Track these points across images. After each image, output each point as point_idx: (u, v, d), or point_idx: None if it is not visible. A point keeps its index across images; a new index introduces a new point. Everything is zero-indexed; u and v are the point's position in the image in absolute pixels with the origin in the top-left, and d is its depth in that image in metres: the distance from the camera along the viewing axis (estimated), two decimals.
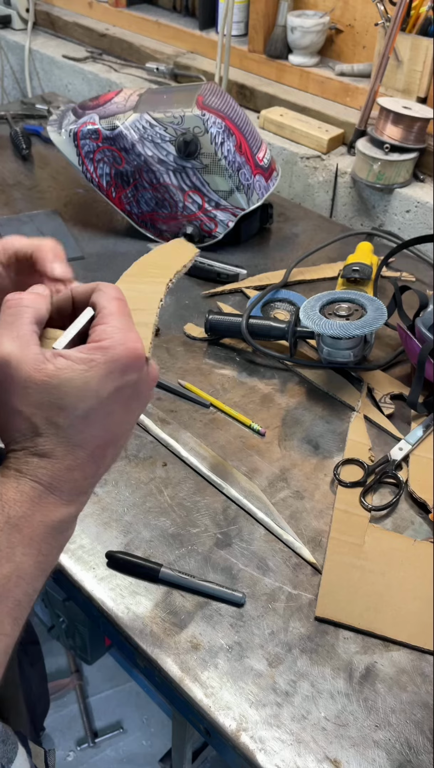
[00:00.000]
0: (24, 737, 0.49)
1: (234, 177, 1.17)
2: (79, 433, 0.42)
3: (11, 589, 0.40)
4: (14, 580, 0.40)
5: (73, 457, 0.43)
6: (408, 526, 0.80)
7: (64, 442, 0.42)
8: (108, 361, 0.42)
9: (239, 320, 1.01)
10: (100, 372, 0.42)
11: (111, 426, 0.44)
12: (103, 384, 0.42)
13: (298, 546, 0.77)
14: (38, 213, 1.32)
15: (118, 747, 1.53)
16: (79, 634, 1.08)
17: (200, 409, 0.94)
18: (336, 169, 1.38)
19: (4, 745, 0.45)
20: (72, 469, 0.43)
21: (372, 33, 1.43)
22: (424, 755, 0.61)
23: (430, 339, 0.89)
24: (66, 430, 0.42)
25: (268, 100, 1.52)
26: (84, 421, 0.42)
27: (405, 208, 1.32)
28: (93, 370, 0.42)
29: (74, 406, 0.41)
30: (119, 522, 0.79)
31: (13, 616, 0.40)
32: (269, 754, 0.61)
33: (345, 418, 0.94)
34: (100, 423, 0.43)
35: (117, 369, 0.42)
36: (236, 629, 0.70)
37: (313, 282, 1.18)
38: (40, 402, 0.41)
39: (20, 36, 1.98)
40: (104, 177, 1.21)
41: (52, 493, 0.42)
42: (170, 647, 0.68)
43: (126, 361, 0.43)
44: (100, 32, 1.84)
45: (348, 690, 0.66)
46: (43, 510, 0.42)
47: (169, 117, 1.13)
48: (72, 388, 0.41)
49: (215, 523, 0.80)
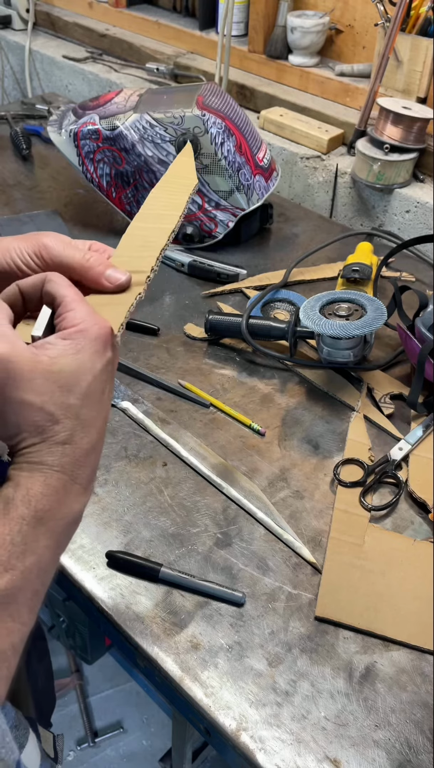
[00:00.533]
0: (34, 722, 0.49)
1: (234, 177, 1.17)
2: (89, 411, 0.44)
3: (32, 580, 0.41)
4: (35, 571, 0.41)
5: (89, 438, 0.44)
6: (408, 525, 0.81)
7: (79, 425, 0.44)
8: (91, 341, 0.44)
9: (239, 320, 1.01)
10: (89, 351, 0.44)
11: (106, 402, 0.46)
12: (94, 362, 0.44)
13: (298, 546, 0.77)
14: (38, 213, 1.32)
15: (118, 747, 1.53)
16: (80, 634, 1.08)
17: (200, 409, 0.94)
18: (336, 169, 1.38)
19: (17, 730, 0.45)
20: (89, 452, 0.44)
21: (371, 33, 1.43)
22: (424, 755, 0.61)
23: (430, 339, 0.89)
24: (79, 410, 0.43)
25: (268, 100, 1.52)
26: (89, 399, 0.44)
27: (405, 209, 1.32)
28: (82, 351, 0.44)
29: (79, 384, 0.43)
30: (119, 522, 0.79)
31: (30, 606, 0.41)
32: (269, 753, 0.61)
33: (344, 418, 0.94)
34: (99, 399, 0.45)
35: (100, 347, 0.45)
36: (236, 629, 0.70)
37: (313, 282, 1.18)
38: (48, 389, 0.42)
39: (20, 36, 1.98)
40: (104, 177, 1.21)
41: (75, 482, 0.43)
42: (170, 647, 0.68)
43: (105, 339, 0.45)
44: (100, 32, 1.84)
45: (348, 690, 0.66)
46: (67, 502, 0.43)
47: (169, 117, 1.14)
48: (72, 370, 0.43)
49: (215, 522, 0.80)
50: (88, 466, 0.44)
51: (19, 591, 0.40)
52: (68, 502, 0.43)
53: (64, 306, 0.46)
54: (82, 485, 0.44)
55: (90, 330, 0.44)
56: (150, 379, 0.97)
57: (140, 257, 0.52)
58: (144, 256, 0.52)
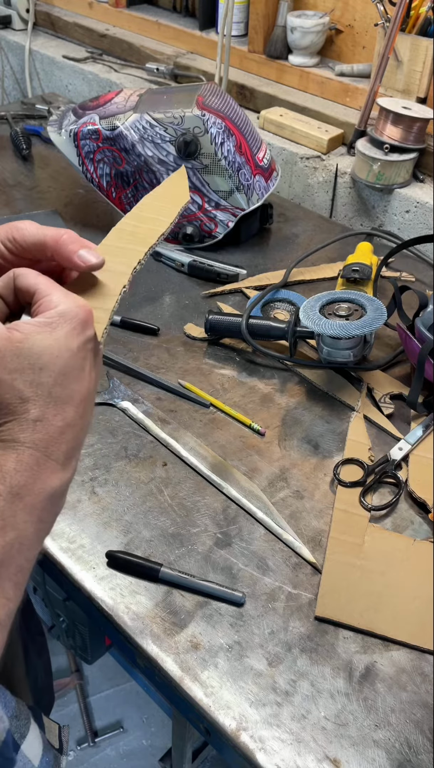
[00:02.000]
0: (38, 712, 0.49)
1: (234, 177, 1.17)
2: (63, 389, 0.44)
3: (14, 555, 0.41)
4: (17, 546, 0.41)
5: (63, 416, 0.44)
6: (407, 525, 0.81)
7: (51, 402, 0.43)
8: (68, 320, 0.45)
9: (239, 320, 1.01)
10: (65, 329, 0.44)
11: (87, 380, 0.46)
12: (71, 339, 0.44)
13: (298, 546, 0.77)
14: (38, 213, 1.32)
15: (118, 746, 1.53)
16: (80, 634, 1.08)
17: (200, 409, 0.94)
18: (336, 169, 1.38)
19: (17, 720, 0.45)
20: (64, 430, 0.44)
21: (371, 33, 1.43)
22: (424, 755, 0.61)
23: (430, 339, 0.89)
24: (51, 388, 0.43)
25: (268, 100, 1.52)
26: (64, 376, 0.44)
27: (405, 209, 1.32)
28: (58, 329, 0.44)
29: (53, 362, 0.43)
30: (119, 522, 0.79)
31: (15, 581, 0.42)
32: (269, 753, 0.61)
33: (344, 418, 0.94)
34: (77, 376, 0.45)
35: (78, 325, 0.45)
36: (236, 629, 0.70)
37: (313, 282, 1.18)
38: (18, 366, 0.42)
39: (20, 36, 1.98)
40: (104, 177, 1.21)
41: (49, 458, 0.43)
42: (170, 647, 0.68)
43: (84, 317, 0.45)
44: (100, 32, 1.84)
45: (348, 689, 0.66)
46: (43, 477, 0.43)
47: (169, 117, 1.14)
48: (45, 347, 0.43)
49: (215, 522, 0.80)
50: (64, 443, 0.44)
51: (1, 566, 0.40)
52: (43, 478, 0.43)
53: (39, 294, 0.46)
54: (59, 461, 0.44)
55: (69, 310, 0.45)
56: (150, 379, 0.97)
57: (126, 249, 0.53)
58: (131, 249, 0.53)
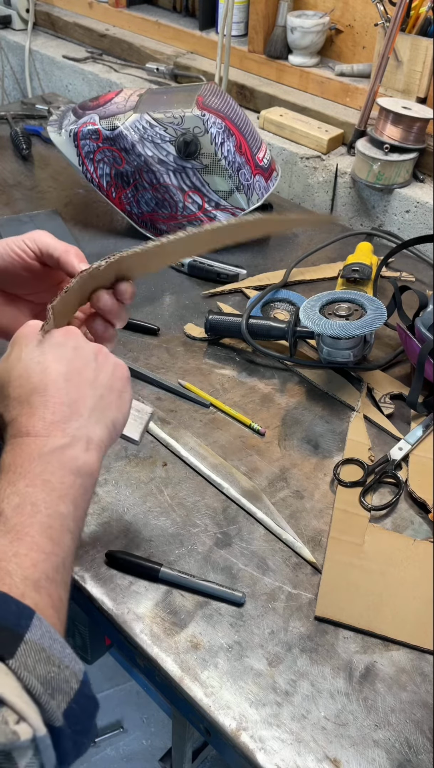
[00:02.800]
0: None
1: (234, 177, 1.17)
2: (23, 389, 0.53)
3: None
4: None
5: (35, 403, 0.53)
6: (407, 525, 0.81)
7: (17, 402, 0.53)
8: (11, 345, 0.58)
9: (239, 320, 1.01)
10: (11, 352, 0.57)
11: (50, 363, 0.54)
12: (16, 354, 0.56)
13: (298, 546, 0.77)
14: (38, 213, 1.32)
15: (118, 746, 1.53)
16: (79, 634, 1.08)
17: (200, 409, 0.94)
18: (336, 169, 1.38)
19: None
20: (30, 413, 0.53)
21: (371, 33, 1.43)
22: (424, 755, 0.61)
23: (430, 339, 0.89)
24: (14, 391, 0.54)
25: (268, 100, 1.52)
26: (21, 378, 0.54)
27: (405, 209, 1.32)
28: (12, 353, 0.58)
29: (7, 377, 0.55)
30: (119, 522, 0.79)
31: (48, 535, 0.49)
32: (269, 753, 0.61)
33: (344, 417, 0.94)
34: (35, 369, 0.54)
35: (16, 341, 0.57)
36: (236, 629, 0.70)
37: (313, 282, 1.18)
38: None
39: (20, 36, 1.98)
40: (104, 177, 1.21)
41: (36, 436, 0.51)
42: (170, 647, 0.68)
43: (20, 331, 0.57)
44: (100, 32, 1.84)
45: (348, 689, 0.66)
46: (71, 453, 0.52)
47: (169, 117, 1.14)
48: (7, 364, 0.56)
49: (215, 522, 0.80)
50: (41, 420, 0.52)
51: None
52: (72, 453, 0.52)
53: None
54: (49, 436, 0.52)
55: (15, 338, 0.57)
56: (150, 379, 0.97)
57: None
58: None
